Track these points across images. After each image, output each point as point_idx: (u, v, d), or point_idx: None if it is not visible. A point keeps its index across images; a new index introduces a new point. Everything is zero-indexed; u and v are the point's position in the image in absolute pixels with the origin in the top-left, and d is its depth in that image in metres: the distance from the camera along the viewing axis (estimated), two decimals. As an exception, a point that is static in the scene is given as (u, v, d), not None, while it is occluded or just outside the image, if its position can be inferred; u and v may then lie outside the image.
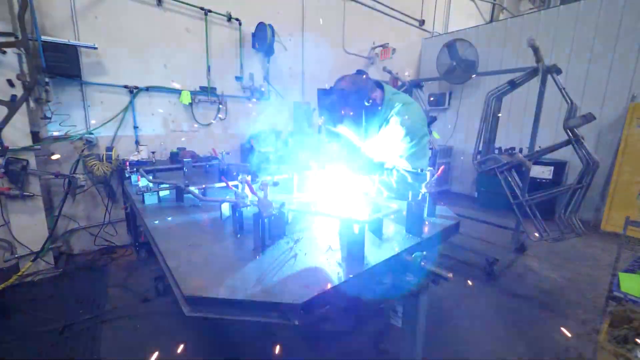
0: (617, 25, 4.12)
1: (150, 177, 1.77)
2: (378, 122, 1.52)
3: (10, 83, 2.42)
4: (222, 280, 0.86)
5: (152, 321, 2.12)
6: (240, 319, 0.77)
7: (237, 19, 3.79)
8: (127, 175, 1.96)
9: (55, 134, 2.84)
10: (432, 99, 6.01)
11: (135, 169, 1.93)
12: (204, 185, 1.60)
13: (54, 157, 2.82)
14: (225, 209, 1.33)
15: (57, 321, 2.05)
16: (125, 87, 3.19)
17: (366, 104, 1.41)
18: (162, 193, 1.62)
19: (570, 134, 2.73)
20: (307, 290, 0.78)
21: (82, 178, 2.91)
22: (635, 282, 1.46)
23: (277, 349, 1.29)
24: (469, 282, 2.72)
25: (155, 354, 1.46)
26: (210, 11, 3.57)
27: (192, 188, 1.51)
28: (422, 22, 6.23)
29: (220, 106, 3.86)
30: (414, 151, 1.47)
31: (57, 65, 2.74)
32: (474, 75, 4.87)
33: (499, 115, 3.17)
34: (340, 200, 1.52)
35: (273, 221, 1.07)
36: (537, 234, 2.86)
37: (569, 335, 2.06)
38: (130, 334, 2.01)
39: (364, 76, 1.47)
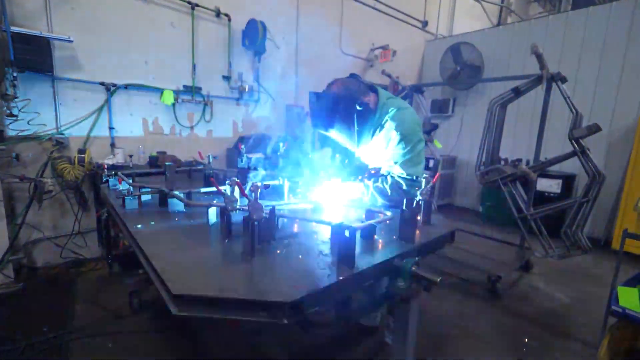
0: (628, 31, 4.38)
1: (130, 181, 1.87)
2: (372, 127, 1.66)
3: (-26, 77, 2.50)
4: (210, 280, 0.96)
5: (125, 340, 2.17)
6: (229, 317, 0.86)
7: (226, 15, 3.97)
8: (104, 179, 2.04)
9: (22, 133, 2.91)
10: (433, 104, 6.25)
11: (113, 172, 2.02)
12: (188, 190, 1.70)
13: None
14: (212, 214, 1.43)
15: (18, 340, 2.08)
16: (102, 84, 3.29)
17: (358, 108, 1.55)
18: (143, 198, 1.71)
19: (575, 144, 2.92)
20: (296, 290, 0.88)
21: (50, 182, 2.96)
22: (633, 296, 1.60)
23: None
24: (470, 301, 2.84)
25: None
26: (197, 5, 3.74)
27: (176, 192, 1.60)
28: (425, 24, 6.53)
29: (206, 107, 3.99)
30: (409, 157, 1.60)
31: (27, 58, 2.79)
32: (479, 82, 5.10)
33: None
34: (333, 207, 1.63)
35: (263, 225, 1.17)
36: (542, 251, 3.01)
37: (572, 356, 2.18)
38: (101, 354, 2.05)
39: (357, 80, 1.61)
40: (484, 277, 3.02)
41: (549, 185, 4.54)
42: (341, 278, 0.97)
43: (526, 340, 2.36)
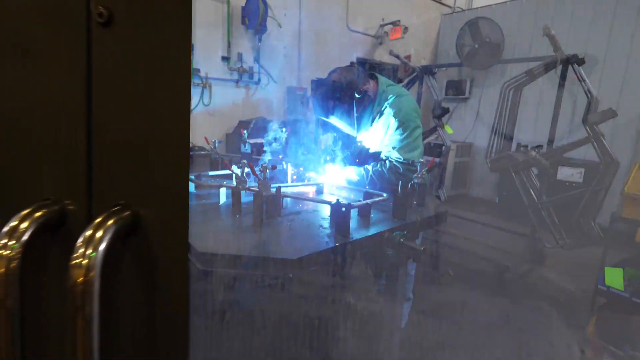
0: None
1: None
2: (371, 113, 1.99)
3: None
4: (227, 244, 1.31)
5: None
6: (244, 272, 1.22)
7: (225, -9, 4.27)
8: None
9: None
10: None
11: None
12: (197, 173, 2.05)
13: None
14: (223, 194, 1.78)
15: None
16: (98, 66, 3.63)
17: (357, 96, 1.88)
18: (154, 180, 2.07)
19: (589, 130, 3.21)
20: (300, 251, 1.23)
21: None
22: (618, 276, 1.92)
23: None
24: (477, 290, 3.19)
25: None
26: (195, -19, 4.03)
27: (187, 175, 1.96)
28: (441, -5, 6.75)
29: (204, 90, 4.33)
30: (406, 143, 1.93)
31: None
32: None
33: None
34: (334, 189, 1.98)
35: (271, 201, 1.51)
36: (553, 241, 3.34)
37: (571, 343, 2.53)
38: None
39: (357, 68, 1.94)
40: (491, 267, 3.36)
41: (570, 175, 4.83)
42: (337, 244, 1.32)
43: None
